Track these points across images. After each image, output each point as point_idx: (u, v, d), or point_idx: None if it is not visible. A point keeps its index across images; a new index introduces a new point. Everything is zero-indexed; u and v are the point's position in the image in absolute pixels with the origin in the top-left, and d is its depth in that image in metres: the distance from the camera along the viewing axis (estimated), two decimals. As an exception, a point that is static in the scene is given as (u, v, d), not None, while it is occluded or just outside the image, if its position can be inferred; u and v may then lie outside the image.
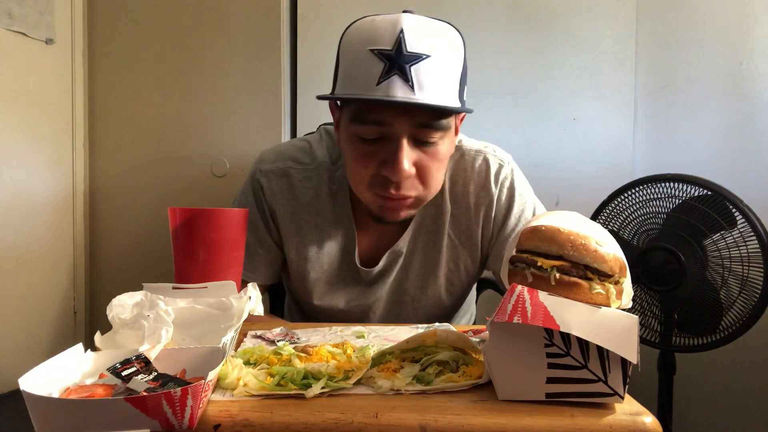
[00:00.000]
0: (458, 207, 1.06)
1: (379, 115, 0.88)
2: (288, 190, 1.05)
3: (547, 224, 0.62)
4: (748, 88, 1.71)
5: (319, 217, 1.06)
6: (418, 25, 0.87)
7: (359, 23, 0.92)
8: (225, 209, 0.83)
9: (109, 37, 1.79)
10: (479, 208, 1.05)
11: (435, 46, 0.87)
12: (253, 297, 0.77)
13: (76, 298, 1.77)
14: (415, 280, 1.09)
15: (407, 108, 0.86)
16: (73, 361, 0.59)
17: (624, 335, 0.56)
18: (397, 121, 0.87)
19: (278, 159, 1.08)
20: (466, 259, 1.08)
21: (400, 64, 0.85)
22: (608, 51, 1.73)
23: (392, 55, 0.85)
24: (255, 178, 1.08)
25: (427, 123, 0.89)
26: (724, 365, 1.71)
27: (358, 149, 0.92)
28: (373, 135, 0.90)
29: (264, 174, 1.07)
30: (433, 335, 0.69)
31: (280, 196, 1.05)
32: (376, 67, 0.85)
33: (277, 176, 1.06)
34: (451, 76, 0.90)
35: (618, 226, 1.39)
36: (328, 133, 1.11)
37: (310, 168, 1.06)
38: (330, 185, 1.05)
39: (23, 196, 1.57)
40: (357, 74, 0.88)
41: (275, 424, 0.54)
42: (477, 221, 1.05)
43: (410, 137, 0.89)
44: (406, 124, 0.88)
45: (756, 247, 1.23)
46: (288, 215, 1.06)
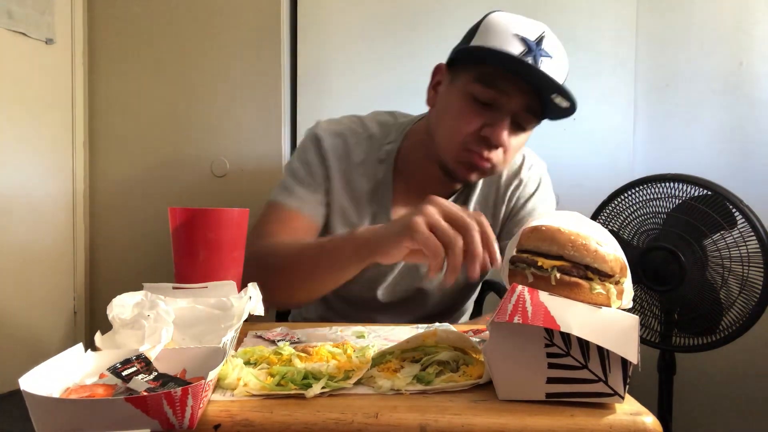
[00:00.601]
0: (490, 187, 1.16)
1: (504, 83, 0.98)
2: (343, 148, 1.14)
3: (548, 224, 0.62)
4: (748, 88, 1.71)
5: (364, 180, 1.14)
6: (553, 35, 1.01)
7: (506, 13, 1.03)
8: (225, 209, 0.83)
9: (109, 37, 1.80)
10: (508, 188, 1.16)
11: (561, 57, 1.01)
12: (254, 297, 0.77)
13: (76, 298, 1.77)
14: None
15: (526, 90, 0.97)
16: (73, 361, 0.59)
17: (624, 335, 0.56)
18: (515, 95, 0.98)
19: (334, 124, 1.18)
20: None
21: (535, 54, 0.96)
22: (608, 51, 1.73)
23: (533, 44, 0.97)
24: (314, 133, 1.16)
25: (533, 109, 1.00)
26: (724, 365, 1.71)
27: (469, 107, 1.01)
28: (487, 98, 0.99)
29: (323, 131, 1.16)
30: (433, 335, 0.69)
31: (335, 153, 1.14)
32: (516, 47, 0.96)
33: (334, 135, 1.15)
34: None
35: (618, 226, 1.39)
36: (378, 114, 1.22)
37: (363, 137, 1.16)
38: (378, 155, 1.15)
39: (23, 196, 1.57)
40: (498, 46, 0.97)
41: (275, 424, 0.54)
42: (503, 199, 1.16)
43: (515, 116, 1.00)
44: (519, 102, 0.99)
45: (756, 247, 1.23)
46: (339, 171, 1.13)
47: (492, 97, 0.99)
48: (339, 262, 0.92)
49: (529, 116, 1.01)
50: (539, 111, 1.01)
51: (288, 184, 1.13)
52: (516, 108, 0.99)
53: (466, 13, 1.75)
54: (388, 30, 1.77)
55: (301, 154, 1.16)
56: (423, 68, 1.80)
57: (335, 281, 0.96)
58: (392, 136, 1.16)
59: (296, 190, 1.12)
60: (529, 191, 1.16)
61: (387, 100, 1.75)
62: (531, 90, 0.98)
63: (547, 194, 1.20)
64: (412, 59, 1.77)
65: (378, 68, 1.76)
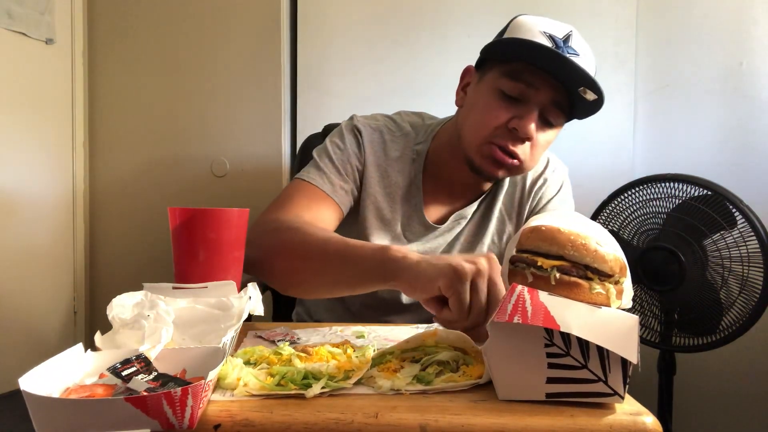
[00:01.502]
0: (515, 187, 1.17)
1: (532, 77, 0.99)
2: (380, 143, 1.15)
3: (548, 224, 0.62)
4: (748, 88, 1.71)
5: (399, 176, 1.14)
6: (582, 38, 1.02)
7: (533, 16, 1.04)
8: (225, 209, 0.83)
9: (109, 37, 1.80)
10: (533, 187, 1.17)
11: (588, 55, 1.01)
12: (254, 297, 0.77)
13: (76, 298, 1.77)
14: (465, 244, 1.17)
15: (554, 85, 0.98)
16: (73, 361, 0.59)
17: (624, 335, 0.56)
18: (543, 88, 0.99)
19: (371, 119, 1.18)
20: (510, 234, 1.17)
21: (563, 51, 0.97)
22: (608, 51, 1.73)
23: (560, 41, 0.98)
24: (353, 124, 1.16)
25: (561, 104, 1.00)
26: (724, 365, 1.71)
27: (496, 101, 1.02)
28: (515, 93, 1.00)
29: (362, 124, 1.16)
30: (433, 335, 0.69)
31: (373, 145, 1.14)
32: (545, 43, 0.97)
33: (372, 129, 1.16)
34: None
35: (618, 226, 1.39)
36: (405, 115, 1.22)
37: (398, 134, 1.17)
38: (411, 155, 1.15)
39: (23, 196, 1.57)
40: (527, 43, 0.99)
41: (275, 424, 0.54)
42: (528, 198, 1.17)
43: (542, 111, 1.01)
44: (547, 95, 0.99)
45: (756, 247, 1.23)
46: (375, 163, 1.14)
47: (520, 91, 1.00)
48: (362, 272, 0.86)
49: (557, 111, 1.01)
50: (567, 107, 1.02)
51: (321, 164, 1.10)
52: (544, 101, 1.00)
53: (466, 13, 1.76)
54: (388, 30, 1.77)
55: (338, 139, 1.14)
56: (423, 68, 1.82)
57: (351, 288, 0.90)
58: (421, 137, 1.17)
59: (328, 172, 1.09)
60: (552, 192, 1.18)
61: (387, 100, 1.75)
62: (558, 85, 0.99)
63: (568, 197, 1.21)
64: (412, 59, 1.77)
65: (378, 68, 1.76)
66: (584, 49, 1.01)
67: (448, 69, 1.75)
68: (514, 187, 1.17)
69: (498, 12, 1.74)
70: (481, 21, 1.75)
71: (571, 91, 0.99)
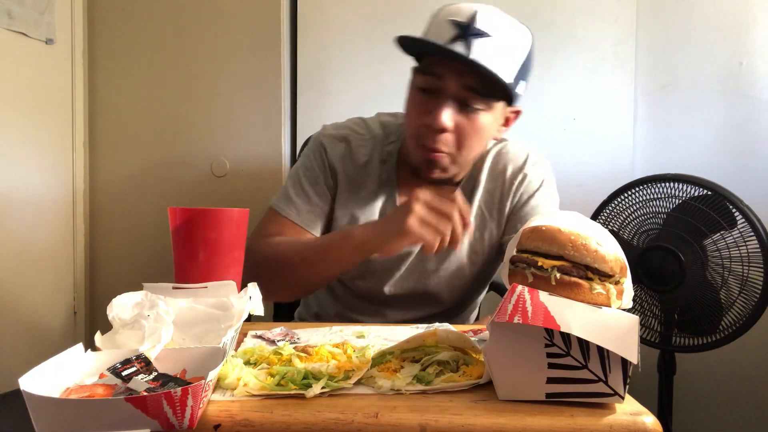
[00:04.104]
0: (495, 182, 1.17)
1: (436, 68, 1.01)
2: (347, 153, 1.17)
3: (548, 224, 0.62)
4: (748, 88, 1.71)
5: (369, 180, 1.17)
6: (493, 11, 1.01)
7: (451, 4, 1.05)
8: (225, 209, 0.83)
9: (109, 37, 1.80)
10: (513, 183, 1.16)
11: (502, 31, 1.00)
12: (254, 297, 0.77)
13: (76, 298, 1.77)
14: None
15: (460, 70, 0.99)
16: (73, 361, 0.59)
17: (624, 335, 0.56)
18: (449, 77, 1.00)
19: (338, 128, 1.21)
20: (492, 230, 1.17)
21: (467, 35, 0.98)
22: (608, 51, 1.73)
23: (463, 25, 0.99)
24: (318, 141, 1.19)
25: (474, 88, 1.00)
26: (724, 365, 1.71)
27: (415, 98, 1.06)
28: (427, 85, 1.03)
29: (326, 137, 1.19)
30: (433, 335, 0.69)
31: (339, 157, 1.17)
32: (449, 32, 0.99)
33: (338, 140, 1.18)
34: (509, 62, 1.01)
35: (618, 226, 1.39)
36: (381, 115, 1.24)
37: (366, 138, 1.18)
38: (381, 155, 1.17)
39: (23, 196, 1.57)
40: (432, 35, 1.03)
41: (275, 424, 0.54)
42: (509, 195, 1.16)
43: (457, 98, 1.01)
44: (455, 83, 1.00)
45: (756, 247, 1.23)
46: (344, 174, 1.17)
47: (430, 83, 1.02)
48: (339, 259, 1.02)
49: (472, 95, 1.01)
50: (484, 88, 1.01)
51: (289, 192, 1.16)
52: (454, 89, 1.00)
53: (466, 13, 1.76)
54: (388, 30, 1.76)
55: (306, 160, 1.19)
56: (423, 68, 1.81)
57: (334, 275, 1.09)
58: (393, 136, 1.18)
59: (296, 200, 1.15)
60: (533, 187, 1.16)
61: (387, 100, 1.75)
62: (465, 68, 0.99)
63: (551, 191, 1.19)
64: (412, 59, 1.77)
65: (378, 68, 1.76)
66: (498, 28, 1.00)
67: (448, 69, 1.76)
68: (494, 183, 1.16)
69: (498, 12, 1.74)
70: (481, 21, 1.74)
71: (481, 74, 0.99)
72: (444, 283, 1.17)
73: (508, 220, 1.17)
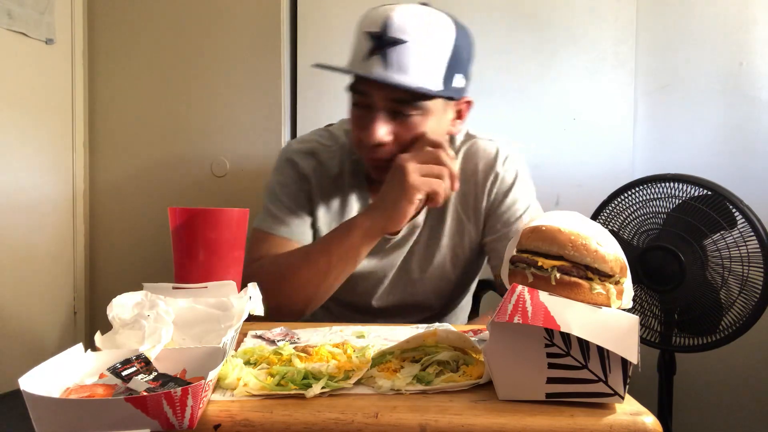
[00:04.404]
0: (467, 184, 1.14)
1: (362, 86, 1.01)
2: (317, 166, 1.16)
3: (548, 224, 0.62)
4: (748, 88, 1.71)
5: (343, 190, 1.16)
6: (407, 13, 0.98)
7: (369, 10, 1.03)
8: (225, 209, 0.83)
9: (109, 37, 1.80)
10: (485, 183, 1.14)
11: (418, 32, 0.97)
12: (254, 297, 0.77)
13: (76, 298, 1.77)
14: (423, 249, 1.16)
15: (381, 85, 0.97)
16: (73, 361, 0.59)
17: (624, 335, 0.56)
18: (375, 93, 1.00)
19: (304, 142, 1.20)
20: (471, 232, 1.15)
21: (383, 46, 0.96)
22: (608, 51, 1.73)
23: (378, 36, 0.97)
24: (287, 157, 1.18)
25: (403, 99, 0.99)
26: (724, 365, 1.71)
27: (353, 114, 1.06)
28: (361, 102, 1.03)
29: (295, 153, 1.18)
30: (433, 335, 0.69)
31: (311, 171, 1.16)
32: (366, 45, 0.99)
33: (306, 155, 1.17)
34: (434, 61, 0.99)
35: (618, 226, 1.39)
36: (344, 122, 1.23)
37: (333, 148, 1.17)
38: (350, 162, 1.16)
39: (23, 196, 1.57)
40: (354, 51, 1.03)
41: (275, 424, 0.54)
42: (483, 194, 1.14)
43: (388, 109, 1.00)
44: (381, 98, 0.99)
45: (756, 247, 1.23)
46: (318, 187, 1.16)
47: (360, 99, 1.02)
48: (351, 249, 1.01)
49: (402, 104, 0.99)
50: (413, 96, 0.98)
51: (273, 211, 1.14)
52: (381, 103, 0.99)
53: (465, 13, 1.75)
54: (388, 30, 1.77)
55: (280, 179, 1.17)
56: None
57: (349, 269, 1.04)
58: None
59: (282, 216, 1.13)
60: (507, 184, 1.13)
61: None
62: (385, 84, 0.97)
63: (526, 184, 1.16)
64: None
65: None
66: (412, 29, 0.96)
67: (448, 69, 1.76)
68: (467, 184, 1.13)
69: (498, 12, 1.74)
70: (480, 21, 1.74)
71: None
72: (430, 289, 1.17)
73: (486, 220, 1.15)
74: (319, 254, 1.03)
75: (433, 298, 1.18)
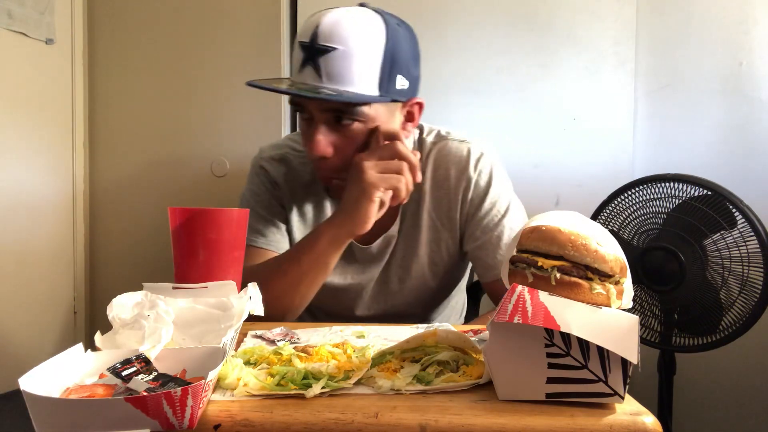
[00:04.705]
0: (440, 190, 1.11)
1: (297, 98, 1.00)
2: (288, 172, 1.15)
3: (548, 224, 0.62)
4: (748, 88, 1.71)
5: (316, 195, 1.15)
6: (336, 19, 0.95)
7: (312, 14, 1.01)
8: (225, 209, 0.83)
9: (109, 37, 1.79)
10: (458, 189, 1.10)
11: (348, 38, 0.94)
12: (254, 297, 0.77)
13: (76, 298, 1.77)
14: (400, 260, 1.15)
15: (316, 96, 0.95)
16: (73, 361, 0.59)
17: (624, 335, 0.56)
18: (310, 106, 0.99)
19: (276, 148, 1.19)
20: (448, 239, 1.13)
21: (313, 56, 0.95)
22: (608, 51, 1.73)
23: (308, 46, 0.96)
24: (258, 165, 1.18)
25: (338, 109, 0.97)
26: (724, 365, 1.71)
27: (301, 127, 1.06)
28: (304, 115, 1.02)
29: (266, 161, 1.17)
30: (433, 335, 0.69)
31: (282, 178, 1.15)
32: (299, 56, 0.97)
33: (277, 162, 1.16)
34: (368, 66, 0.96)
35: (618, 226, 1.39)
36: None
37: (305, 154, 1.12)
38: None
39: (23, 196, 1.57)
40: (292, 61, 1.01)
41: (275, 424, 0.54)
42: (456, 202, 1.11)
43: (326, 121, 0.99)
44: (316, 110, 0.98)
45: (756, 247, 1.23)
46: (290, 194, 1.15)
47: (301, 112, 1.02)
48: (320, 257, 1.00)
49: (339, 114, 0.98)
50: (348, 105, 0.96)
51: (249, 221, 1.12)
52: (317, 115, 0.98)
53: (465, 12, 1.76)
54: (388, 30, 1.77)
55: (253, 187, 1.17)
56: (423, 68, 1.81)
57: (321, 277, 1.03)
58: None
59: (258, 226, 1.12)
60: (482, 189, 1.10)
61: (387, 100, 1.75)
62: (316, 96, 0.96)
63: (502, 184, 1.12)
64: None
65: (378, 68, 1.76)
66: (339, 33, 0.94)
67: (447, 69, 1.75)
68: (439, 190, 1.11)
69: (498, 12, 1.74)
70: (480, 21, 1.74)
71: None
72: (411, 299, 1.16)
73: (464, 228, 1.12)
74: (289, 264, 1.02)
75: (416, 306, 1.17)
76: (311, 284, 1.02)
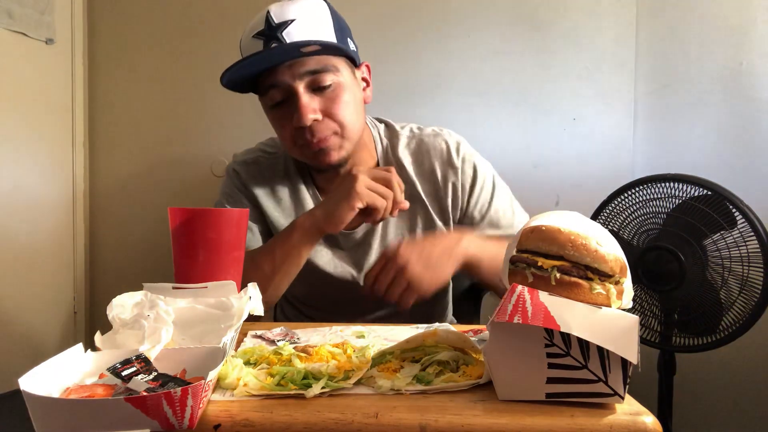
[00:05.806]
0: (427, 183, 1.17)
1: (272, 78, 1.03)
2: (260, 173, 1.20)
3: (548, 224, 0.62)
4: (748, 88, 1.71)
5: (291, 193, 1.19)
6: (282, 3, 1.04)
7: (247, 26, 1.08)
8: (225, 209, 0.83)
9: (109, 37, 1.79)
10: (447, 181, 1.16)
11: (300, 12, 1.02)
12: (254, 297, 0.77)
13: (76, 298, 1.77)
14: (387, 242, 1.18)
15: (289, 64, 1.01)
16: (73, 361, 0.59)
17: (624, 335, 0.56)
18: (287, 75, 1.02)
19: (247, 153, 1.24)
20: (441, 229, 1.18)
21: (273, 35, 1.00)
22: (608, 51, 1.73)
23: (265, 30, 1.01)
24: (231, 169, 1.23)
25: (315, 70, 1.02)
26: (724, 365, 1.71)
27: (274, 116, 1.09)
28: (277, 98, 1.05)
29: (237, 164, 1.22)
30: (433, 335, 0.69)
31: (254, 180, 1.19)
32: (258, 44, 1.02)
33: (249, 165, 1.21)
34: (323, 27, 1.04)
35: (618, 226, 1.39)
36: None
37: (277, 155, 1.21)
38: (296, 165, 1.20)
39: (23, 196, 1.57)
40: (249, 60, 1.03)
41: (275, 424, 0.54)
42: (446, 192, 1.17)
43: (306, 87, 1.03)
44: (296, 75, 1.02)
45: (756, 247, 1.23)
46: (264, 193, 1.19)
47: (275, 96, 1.04)
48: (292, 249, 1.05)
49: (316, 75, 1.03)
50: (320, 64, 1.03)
51: None
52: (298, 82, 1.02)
53: (465, 12, 1.76)
54: (388, 30, 1.77)
55: (226, 190, 1.21)
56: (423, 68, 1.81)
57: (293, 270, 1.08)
58: None
59: None
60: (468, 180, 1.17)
61: (386, 100, 1.75)
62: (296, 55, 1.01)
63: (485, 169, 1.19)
64: (412, 59, 1.77)
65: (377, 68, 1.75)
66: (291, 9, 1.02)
67: (448, 69, 1.76)
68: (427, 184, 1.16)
69: (498, 12, 1.74)
70: (481, 22, 1.75)
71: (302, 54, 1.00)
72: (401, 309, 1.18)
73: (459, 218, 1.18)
74: (262, 258, 1.07)
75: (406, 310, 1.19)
76: (284, 277, 1.07)
